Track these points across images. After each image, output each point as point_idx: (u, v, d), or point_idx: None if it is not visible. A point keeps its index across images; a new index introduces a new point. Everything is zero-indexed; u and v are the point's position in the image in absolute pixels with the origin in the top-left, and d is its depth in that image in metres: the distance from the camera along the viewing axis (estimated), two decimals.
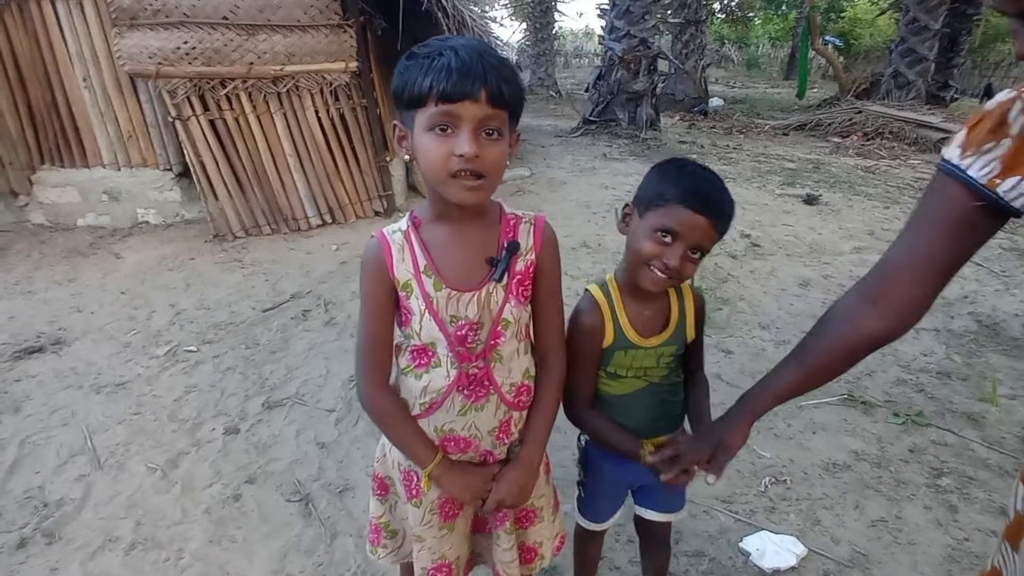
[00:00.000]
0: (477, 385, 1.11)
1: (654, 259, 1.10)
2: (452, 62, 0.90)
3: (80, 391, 2.82)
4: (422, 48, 0.95)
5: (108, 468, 2.32)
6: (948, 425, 2.52)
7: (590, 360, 1.23)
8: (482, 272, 1.07)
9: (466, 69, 0.90)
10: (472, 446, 1.15)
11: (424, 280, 1.05)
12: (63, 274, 4.15)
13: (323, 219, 4.92)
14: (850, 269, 4.17)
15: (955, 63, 12.06)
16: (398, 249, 1.06)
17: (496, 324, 1.09)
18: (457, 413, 1.12)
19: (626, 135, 8.69)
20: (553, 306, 1.17)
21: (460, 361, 1.09)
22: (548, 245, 1.13)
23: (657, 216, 1.09)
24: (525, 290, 1.11)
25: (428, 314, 1.06)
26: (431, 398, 1.11)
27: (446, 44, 0.94)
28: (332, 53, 4.46)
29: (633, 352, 1.21)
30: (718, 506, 2.08)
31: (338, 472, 2.28)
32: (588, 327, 1.20)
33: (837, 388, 2.77)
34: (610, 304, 1.21)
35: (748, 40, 27.91)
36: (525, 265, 1.10)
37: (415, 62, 0.93)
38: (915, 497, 2.13)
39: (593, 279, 3.85)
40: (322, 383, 2.84)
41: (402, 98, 0.96)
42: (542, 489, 1.28)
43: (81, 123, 4.84)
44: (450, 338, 1.07)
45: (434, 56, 0.92)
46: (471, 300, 1.06)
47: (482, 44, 0.97)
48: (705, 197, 1.08)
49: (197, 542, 1.97)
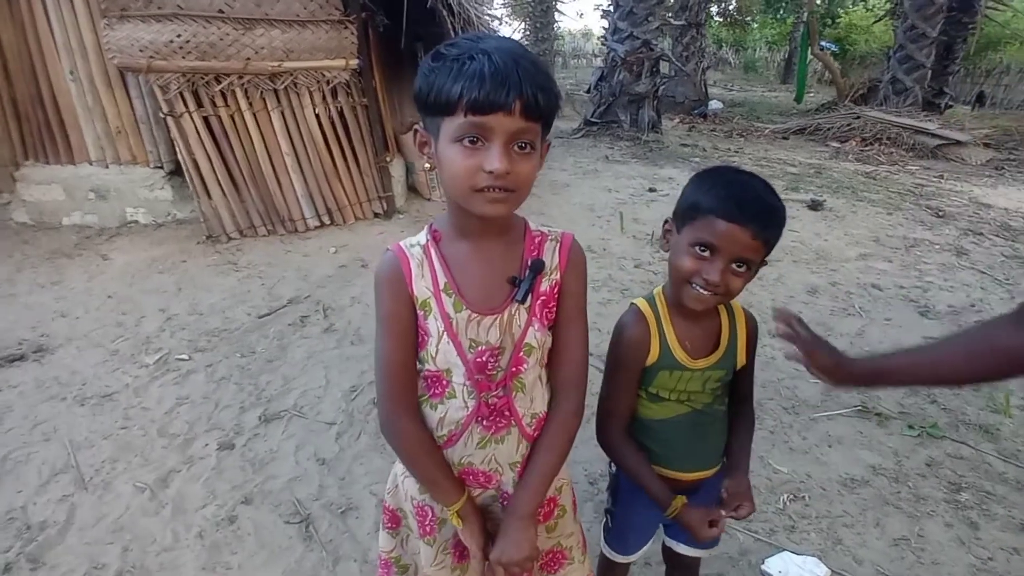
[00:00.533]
0: (497, 416, 1.02)
1: (694, 275, 1.03)
2: (486, 68, 0.80)
3: (63, 403, 2.67)
4: (451, 48, 0.85)
5: (93, 488, 2.18)
6: (963, 437, 2.49)
7: (631, 377, 1.13)
8: (504, 293, 0.98)
9: (501, 77, 0.80)
10: (493, 481, 1.06)
11: (444, 299, 0.96)
12: (47, 276, 3.99)
13: (321, 220, 4.79)
14: (857, 276, 4.12)
15: (950, 71, 12.09)
16: (417, 264, 0.97)
17: (518, 350, 0.99)
18: (476, 446, 1.03)
19: (628, 137, 8.64)
20: (574, 332, 1.04)
21: (479, 390, 1.00)
22: (574, 264, 1.03)
23: (693, 230, 1.03)
24: (550, 312, 1.01)
25: (447, 337, 0.97)
26: (449, 430, 1.03)
27: (478, 46, 0.83)
28: (332, 50, 4.33)
29: (679, 374, 1.12)
30: (737, 525, 2.00)
31: (340, 490, 2.17)
32: (632, 340, 1.12)
33: (849, 399, 2.73)
34: (657, 320, 1.13)
35: (745, 44, 28.00)
36: (550, 285, 1.00)
37: (443, 64, 0.83)
38: (935, 513, 2.09)
39: (599, 284, 3.81)
40: (322, 394, 2.72)
41: (427, 103, 0.86)
42: (570, 527, 1.18)
43: (67, 117, 4.67)
44: (468, 365, 0.98)
45: (465, 59, 0.81)
46: (493, 324, 0.97)
47: (518, 47, 0.86)
48: (741, 206, 0.99)
49: (189, 570, 1.86)
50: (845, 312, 3.60)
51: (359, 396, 2.70)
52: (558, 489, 1.14)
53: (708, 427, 1.19)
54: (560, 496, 1.15)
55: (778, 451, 2.38)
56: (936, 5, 10.48)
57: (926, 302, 3.76)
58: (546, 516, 1.14)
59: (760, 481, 2.21)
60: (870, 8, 19.47)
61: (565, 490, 1.17)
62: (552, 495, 1.13)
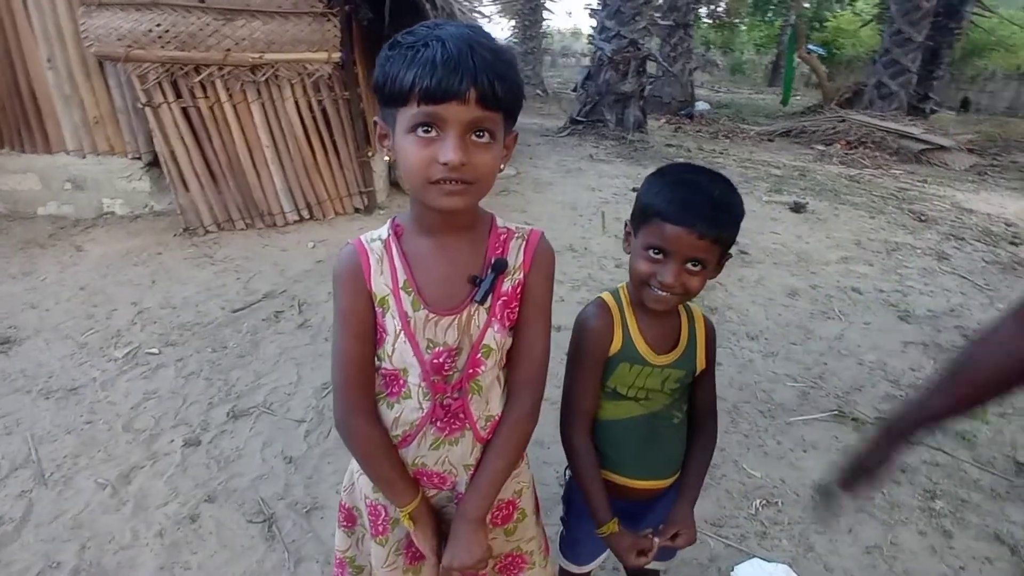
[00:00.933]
0: (452, 418, 1.00)
1: (650, 278, 1.01)
2: (438, 55, 0.77)
3: (28, 396, 2.61)
4: (407, 36, 0.81)
5: (53, 483, 2.13)
6: (939, 444, 2.47)
7: (595, 369, 1.11)
8: (464, 292, 0.95)
9: (454, 64, 0.77)
10: (448, 483, 1.04)
11: (403, 297, 0.93)
12: (19, 267, 3.91)
13: (300, 215, 4.73)
14: (838, 279, 4.13)
15: (936, 76, 12.23)
16: (377, 260, 0.94)
17: (476, 351, 0.96)
18: (429, 447, 1.01)
19: (613, 136, 8.63)
20: (534, 332, 1.00)
21: (434, 392, 0.97)
22: (540, 264, 0.99)
23: (645, 234, 1.02)
24: (512, 313, 0.98)
25: (404, 336, 0.94)
26: (403, 431, 1.00)
27: (433, 32, 0.80)
28: (314, 42, 4.28)
29: (639, 368, 1.10)
30: (708, 530, 1.99)
31: (306, 489, 2.13)
32: (595, 329, 1.10)
33: (827, 403, 2.72)
34: (621, 312, 1.11)
35: (733, 46, 28.13)
36: (512, 285, 0.97)
37: (398, 52, 0.80)
38: (909, 521, 2.07)
39: (578, 283, 3.80)
40: (292, 391, 2.68)
41: (383, 93, 0.83)
42: (531, 531, 1.16)
43: (44, 106, 4.58)
44: (424, 365, 0.95)
45: (418, 47, 0.78)
46: (451, 325, 0.94)
47: (476, 32, 0.83)
48: (688, 207, 0.97)
49: (147, 570, 1.81)
50: (825, 315, 3.61)
51: (330, 393, 2.66)
52: (517, 492, 1.12)
53: (663, 433, 1.16)
54: (520, 499, 1.13)
55: (752, 455, 2.37)
56: (923, 10, 10.58)
57: (906, 306, 3.77)
58: (505, 519, 1.11)
59: (733, 486, 2.19)
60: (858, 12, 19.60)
61: (526, 493, 1.14)
62: (511, 498, 1.11)
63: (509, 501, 1.11)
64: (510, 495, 1.10)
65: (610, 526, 1.12)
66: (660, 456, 1.18)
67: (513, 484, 1.10)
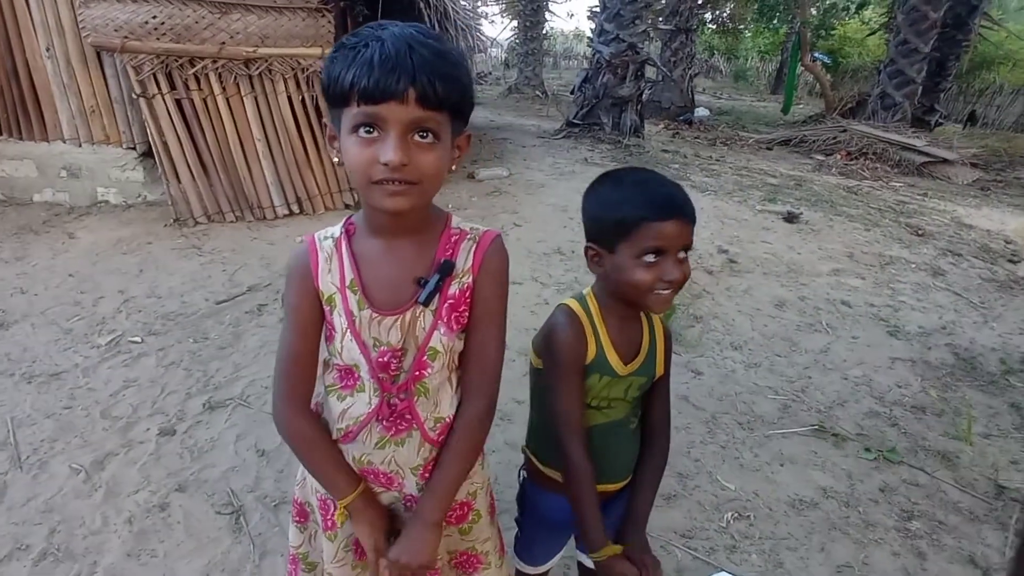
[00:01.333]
0: (398, 418, 1.00)
1: (654, 283, 1.00)
2: (376, 55, 0.77)
3: (11, 379, 2.63)
4: (351, 37, 0.82)
5: (28, 467, 2.15)
6: (921, 463, 2.45)
7: (577, 378, 1.08)
8: (409, 293, 0.95)
9: (391, 64, 0.77)
10: (395, 483, 1.04)
11: (348, 296, 0.94)
12: (11, 252, 3.93)
13: (290, 209, 4.74)
14: (827, 292, 4.11)
15: (942, 87, 12.15)
16: (325, 258, 0.95)
17: (422, 353, 0.97)
18: (375, 446, 1.01)
19: (609, 140, 8.59)
20: (484, 336, 1.00)
21: (382, 390, 0.98)
22: (490, 267, 0.98)
23: (633, 243, 0.99)
24: (460, 316, 0.98)
25: (350, 334, 0.95)
26: (347, 425, 1.01)
27: (375, 33, 0.80)
28: (308, 38, 4.29)
29: (608, 379, 1.09)
30: (676, 541, 1.98)
31: (276, 483, 2.14)
32: (570, 339, 1.07)
33: (807, 418, 2.70)
34: (591, 322, 1.09)
35: (737, 52, 28.07)
36: (460, 288, 0.96)
37: (341, 53, 0.81)
38: (883, 541, 2.05)
39: (564, 287, 3.79)
40: (270, 384, 2.66)
41: (327, 94, 0.84)
42: (486, 532, 1.16)
43: (42, 94, 4.60)
44: (371, 363, 0.96)
45: (359, 47, 0.79)
46: (394, 325, 0.95)
47: (419, 31, 0.83)
48: (668, 200, 0.99)
49: (114, 555, 1.82)
50: (812, 328, 3.59)
51: None
52: (472, 494, 1.12)
53: (620, 439, 1.16)
54: (475, 500, 1.13)
55: (727, 467, 2.35)
56: (929, 20, 10.49)
57: (896, 322, 3.73)
58: (459, 519, 1.12)
59: (705, 497, 2.18)
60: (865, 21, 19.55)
61: (480, 495, 1.14)
62: (466, 499, 1.11)
63: (464, 502, 1.11)
64: (464, 496, 1.11)
65: (612, 548, 1.07)
66: (617, 461, 1.18)
67: (467, 486, 1.10)
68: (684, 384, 2.87)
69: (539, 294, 3.67)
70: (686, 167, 7.69)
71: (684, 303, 3.70)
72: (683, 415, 2.63)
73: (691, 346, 3.23)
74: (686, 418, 2.62)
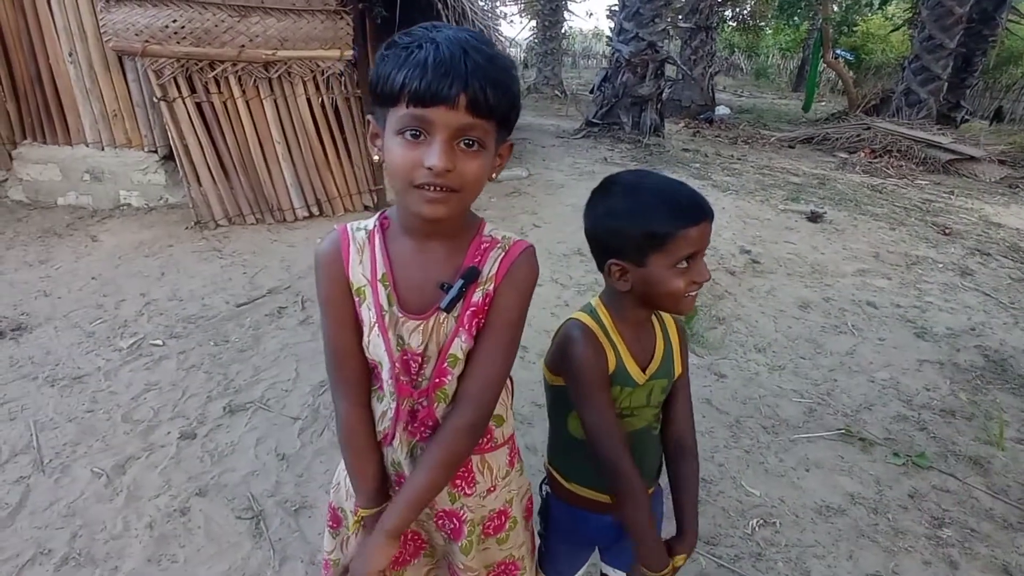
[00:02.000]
0: (421, 425, 0.98)
1: (689, 287, 0.99)
2: (430, 57, 0.75)
3: (34, 383, 2.66)
4: (404, 36, 0.80)
5: (51, 471, 2.16)
6: (951, 469, 2.38)
7: (604, 393, 1.03)
8: (434, 298, 0.92)
9: (445, 68, 0.75)
10: None
11: (380, 289, 0.92)
12: (35, 255, 3.99)
13: (310, 211, 4.77)
14: (852, 292, 4.02)
15: (968, 84, 11.89)
16: (357, 249, 0.93)
17: (442, 360, 0.94)
18: (406, 454, 0.99)
19: (629, 139, 8.54)
20: (492, 347, 0.93)
21: (399, 393, 0.95)
22: (514, 278, 0.93)
23: (666, 253, 0.96)
24: (481, 324, 0.95)
25: (378, 329, 0.92)
26: (385, 427, 0.99)
27: (429, 34, 0.78)
28: (327, 40, 4.30)
29: (629, 390, 1.06)
30: (701, 548, 1.94)
31: (296, 488, 2.13)
32: (590, 356, 1.02)
33: (834, 422, 2.64)
34: (605, 334, 1.05)
35: (758, 50, 27.72)
36: (482, 296, 0.93)
37: (392, 52, 0.79)
38: (914, 549, 1.99)
39: (584, 288, 3.75)
40: (290, 387, 2.68)
41: (375, 92, 0.82)
42: (522, 536, 1.13)
43: (65, 99, 4.68)
44: (393, 362, 0.93)
45: (412, 48, 0.77)
46: (416, 329, 0.92)
47: (474, 36, 0.80)
48: (692, 203, 0.97)
49: (135, 560, 1.82)
50: (837, 329, 3.51)
51: (327, 391, 2.66)
52: (508, 501, 1.09)
53: (645, 446, 1.13)
54: (511, 508, 1.10)
55: (752, 472, 2.30)
56: (955, 16, 10.28)
57: (923, 323, 3.64)
58: (497, 529, 1.09)
59: (729, 503, 2.13)
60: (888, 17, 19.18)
61: (516, 501, 1.11)
62: (503, 507, 1.08)
63: (501, 511, 1.08)
64: (501, 504, 1.08)
65: (678, 560, 1.08)
66: (643, 468, 1.14)
67: (504, 493, 1.08)
68: (707, 387, 2.81)
69: (559, 295, 3.63)
70: (707, 166, 7.60)
71: (706, 304, 3.64)
72: (706, 419, 2.58)
73: (714, 348, 3.17)
74: (709, 422, 2.57)
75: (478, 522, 1.05)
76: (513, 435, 1.11)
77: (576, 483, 1.16)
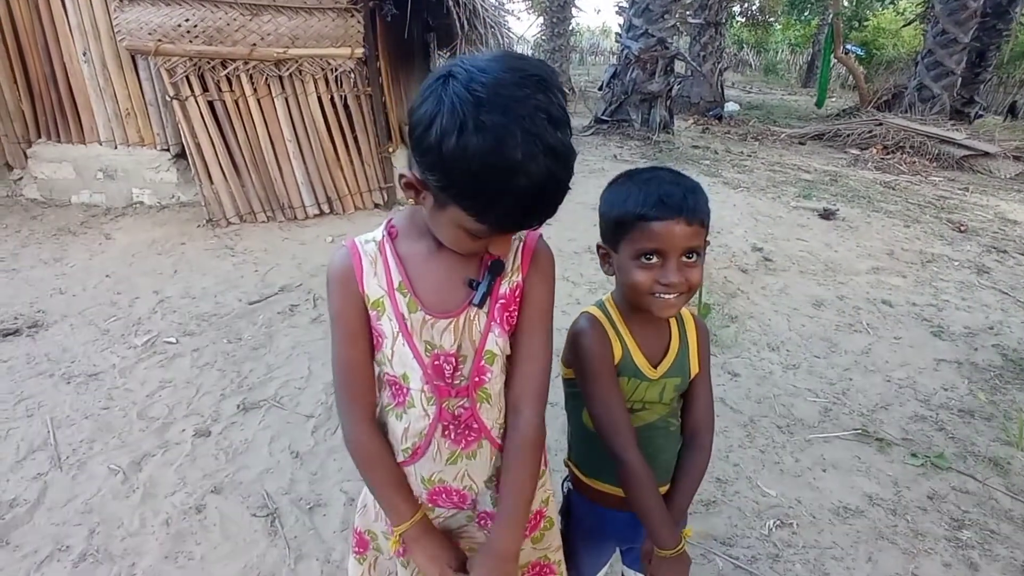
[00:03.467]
0: (465, 429, 0.96)
1: (653, 286, 0.97)
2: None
3: (50, 380, 2.68)
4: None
5: (68, 467, 2.18)
6: (970, 469, 2.35)
7: (609, 378, 1.04)
8: (460, 295, 0.92)
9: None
10: (468, 500, 1.00)
11: (398, 299, 0.91)
12: (50, 253, 4.02)
13: (320, 209, 4.77)
14: (867, 291, 3.98)
15: (982, 79, 11.72)
16: (370, 262, 0.92)
17: (479, 357, 0.93)
18: (446, 462, 0.97)
19: (638, 136, 8.49)
20: (536, 342, 0.96)
21: (439, 396, 0.94)
22: (539, 265, 0.95)
23: (631, 243, 0.97)
24: (511, 316, 0.95)
25: (402, 338, 0.91)
26: (413, 442, 0.97)
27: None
28: (338, 38, 4.30)
29: (637, 382, 1.06)
30: (717, 548, 1.93)
31: (310, 485, 2.13)
32: (595, 341, 1.04)
33: (850, 421, 2.61)
34: (613, 326, 1.06)
35: (767, 45, 27.50)
36: (510, 287, 0.94)
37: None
38: (933, 551, 1.96)
39: (596, 286, 3.73)
40: (303, 385, 2.69)
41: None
42: (557, 539, 1.14)
43: (79, 98, 4.70)
44: (425, 368, 0.92)
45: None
46: (448, 328, 0.91)
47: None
48: (662, 198, 0.94)
49: (152, 557, 1.83)
50: (851, 328, 3.47)
51: None
52: (544, 501, 1.10)
53: (660, 442, 1.12)
54: (547, 508, 1.10)
55: (768, 472, 2.28)
56: (969, 10, 10.16)
57: (940, 321, 3.60)
58: (533, 528, 1.09)
59: (746, 503, 2.12)
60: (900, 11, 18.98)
61: (551, 502, 1.12)
62: (540, 508, 1.09)
63: (538, 511, 1.08)
64: (538, 505, 1.08)
65: (686, 532, 1.10)
66: (654, 464, 1.13)
67: (540, 494, 1.07)
68: (720, 386, 2.79)
69: (570, 293, 3.62)
70: (717, 163, 7.55)
71: (719, 302, 3.61)
72: (720, 418, 2.57)
73: (727, 347, 3.15)
74: (723, 421, 2.56)
75: None
76: (544, 437, 1.10)
77: (595, 478, 1.16)
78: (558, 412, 1.08)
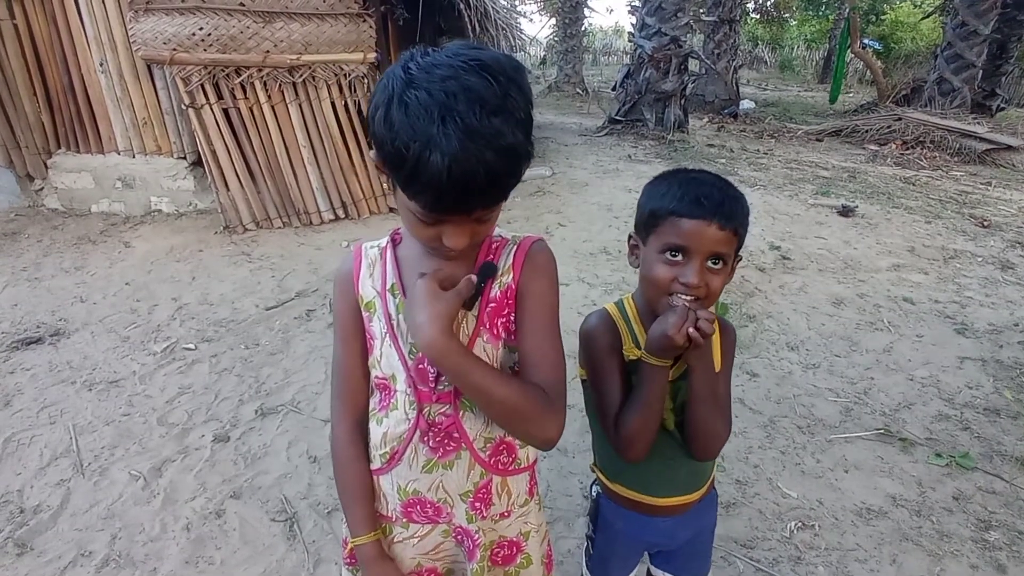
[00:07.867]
0: (445, 437, 0.93)
1: (672, 283, 0.95)
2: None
3: (72, 387, 2.72)
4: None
5: (90, 473, 2.21)
6: (996, 469, 2.29)
7: (619, 369, 1.03)
8: None
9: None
10: (443, 514, 0.97)
11: (388, 299, 0.91)
12: (71, 261, 4.09)
13: (336, 214, 4.81)
14: (888, 288, 3.91)
15: (1003, 71, 11.45)
16: (368, 264, 0.94)
17: None
18: (422, 470, 0.94)
19: (653, 136, 8.44)
20: (540, 338, 0.90)
21: (419, 401, 0.91)
22: (533, 265, 0.91)
23: (659, 236, 0.97)
24: (506, 322, 0.91)
25: (389, 339, 0.91)
26: (391, 447, 0.95)
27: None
28: (351, 43, 4.34)
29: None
30: (738, 551, 1.90)
31: (328, 490, 2.13)
32: (598, 330, 1.06)
33: (872, 421, 2.56)
34: (627, 323, 1.06)
35: (782, 41, 27.20)
36: (501, 290, 0.90)
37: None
38: (960, 553, 1.92)
39: (611, 287, 3.72)
40: (320, 390, 2.70)
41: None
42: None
43: (97, 108, 4.79)
44: (408, 371, 0.91)
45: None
46: None
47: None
48: (701, 200, 0.94)
49: (173, 562, 1.85)
50: (872, 326, 3.41)
51: None
52: (524, 534, 1.03)
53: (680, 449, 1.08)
54: (526, 543, 1.04)
55: (788, 473, 2.25)
56: (989, 1, 9.97)
57: (964, 319, 3.52)
58: (506, 560, 1.03)
59: (766, 505, 2.09)
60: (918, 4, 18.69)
61: (534, 537, 1.05)
62: (515, 538, 1.03)
63: (512, 541, 1.03)
64: (514, 535, 1.02)
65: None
66: (683, 472, 1.12)
67: (518, 523, 1.02)
68: (739, 387, 2.76)
69: (586, 295, 3.60)
70: (733, 161, 7.48)
71: (736, 302, 3.57)
72: (739, 419, 2.53)
73: (745, 347, 3.11)
74: (743, 422, 2.52)
75: (487, 546, 1.00)
76: (535, 462, 1.05)
77: (617, 482, 1.15)
78: (575, 415, 1.06)
